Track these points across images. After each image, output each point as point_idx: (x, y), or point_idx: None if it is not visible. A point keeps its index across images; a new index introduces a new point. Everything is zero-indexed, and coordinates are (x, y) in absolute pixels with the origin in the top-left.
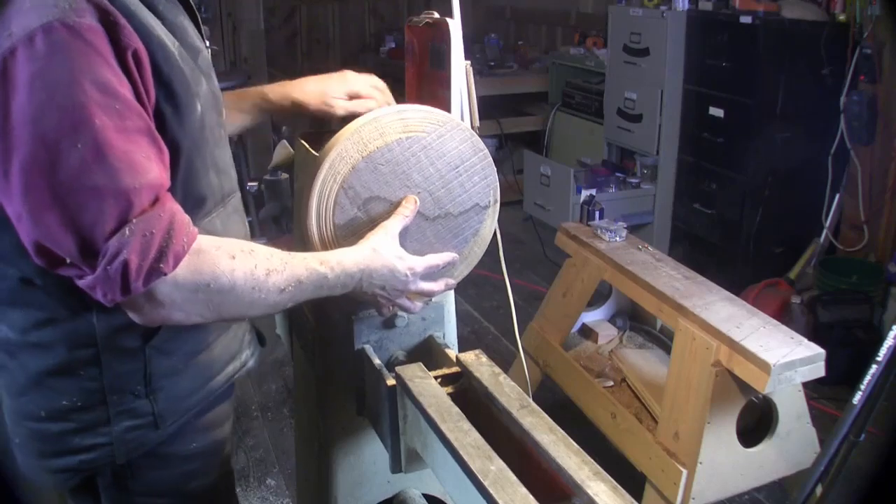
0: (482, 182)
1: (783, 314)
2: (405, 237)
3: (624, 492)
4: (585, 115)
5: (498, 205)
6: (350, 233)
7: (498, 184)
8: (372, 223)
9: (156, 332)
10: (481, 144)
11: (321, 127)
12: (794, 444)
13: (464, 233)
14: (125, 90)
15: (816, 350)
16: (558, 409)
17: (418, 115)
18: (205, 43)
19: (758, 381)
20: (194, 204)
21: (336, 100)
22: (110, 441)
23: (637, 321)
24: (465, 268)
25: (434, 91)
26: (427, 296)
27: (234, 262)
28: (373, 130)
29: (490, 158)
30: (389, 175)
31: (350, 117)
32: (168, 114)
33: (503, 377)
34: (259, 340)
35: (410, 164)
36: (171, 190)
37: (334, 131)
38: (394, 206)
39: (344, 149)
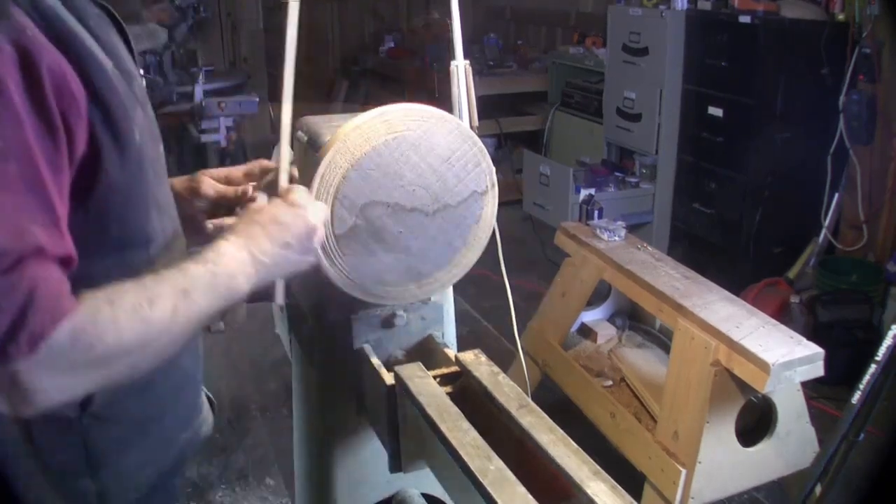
0: (476, 169)
1: (783, 314)
2: (408, 235)
3: (623, 491)
4: (585, 115)
5: (496, 189)
6: (352, 241)
7: (493, 168)
8: (371, 228)
9: (91, 398)
10: (469, 132)
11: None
12: (793, 443)
13: (466, 221)
14: (27, 129)
15: (816, 350)
16: (557, 408)
17: (400, 113)
18: (138, 70)
19: (757, 380)
20: (135, 247)
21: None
22: None
23: (636, 321)
24: (473, 255)
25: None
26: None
27: (113, 308)
28: (358, 137)
29: (480, 145)
30: (382, 178)
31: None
32: (105, 141)
33: (502, 377)
34: (210, 405)
35: (400, 163)
36: (104, 230)
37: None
38: (391, 208)
39: (332, 160)
